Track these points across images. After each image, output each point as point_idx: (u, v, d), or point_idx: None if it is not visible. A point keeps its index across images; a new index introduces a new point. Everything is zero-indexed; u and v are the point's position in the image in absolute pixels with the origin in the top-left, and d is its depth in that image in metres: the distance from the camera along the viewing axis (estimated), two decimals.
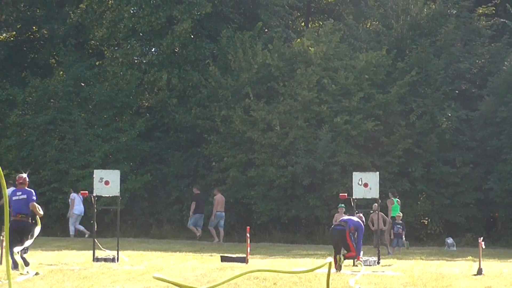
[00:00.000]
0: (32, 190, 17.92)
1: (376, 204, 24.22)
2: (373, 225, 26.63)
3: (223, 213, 32.64)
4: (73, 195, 32.74)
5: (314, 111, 33.85)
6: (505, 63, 33.88)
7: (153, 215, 35.23)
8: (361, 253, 19.33)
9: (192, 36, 36.86)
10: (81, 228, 32.46)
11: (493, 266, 21.37)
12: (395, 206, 30.27)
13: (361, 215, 20.11)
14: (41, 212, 17.76)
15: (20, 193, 17.74)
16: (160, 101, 36.36)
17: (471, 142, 33.85)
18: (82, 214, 32.77)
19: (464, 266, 21.49)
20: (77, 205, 32.61)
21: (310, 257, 24.15)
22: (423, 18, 36.10)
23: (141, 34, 37.35)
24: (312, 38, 35.16)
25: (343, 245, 18.66)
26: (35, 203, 17.58)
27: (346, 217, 20.01)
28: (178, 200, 35.41)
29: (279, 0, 38.26)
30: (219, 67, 35.79)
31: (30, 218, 17.63)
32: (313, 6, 44.53)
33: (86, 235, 31.55)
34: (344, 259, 18.49)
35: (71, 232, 32.40)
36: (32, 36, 40.16)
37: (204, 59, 36.48)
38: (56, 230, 33.48)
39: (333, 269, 17.70)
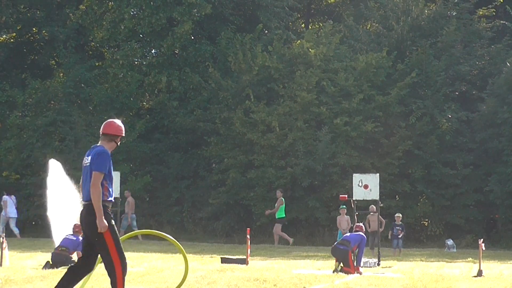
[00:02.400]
0: (80, 237, 18.93)
1: (373, 206, 24.16)
2: (369, 227, 26.61)
3: (134, 215, 33.11)
4: (5, 197, 32.64)
5: (314, 113, 33.85)
6: (507, 64, 33.83)
7: (153, 216, 35.23)
8: (361, 262, 19.29)
9: (192, 38, 36.86)
10: (16, 230, 32.37)
11: (493, 268, 21.37)
12: (283, 207, 30.44)
13: (361, 225, 19.95)
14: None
15: (71, 235, 18.97)
16: (160, 103, 36.35)
17: (471, 144, 33.83)
18: (17, 216, 32.71)
19: (464, 268, 21.49)
20: (10, 207, 32.44)
21: (310, 258, 24.13)
22: (423, 19, 36.09)
23: (141, 35, 37.37)
24: (312, 40, 35.14)
25: (345, 263, 18.68)
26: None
27: (348, 234, 20.02)
28: (178, 201, 35.41)
29: (279, 1, 38.23)
30: (219, 69, 35.78)
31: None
32: (313, 7, 44.51)
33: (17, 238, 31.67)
34: (341, 270, 18.48)
35: (16, 233, 32.13)
36: (32, 38, 40.17)
37: (204, 61, 36.47)
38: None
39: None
